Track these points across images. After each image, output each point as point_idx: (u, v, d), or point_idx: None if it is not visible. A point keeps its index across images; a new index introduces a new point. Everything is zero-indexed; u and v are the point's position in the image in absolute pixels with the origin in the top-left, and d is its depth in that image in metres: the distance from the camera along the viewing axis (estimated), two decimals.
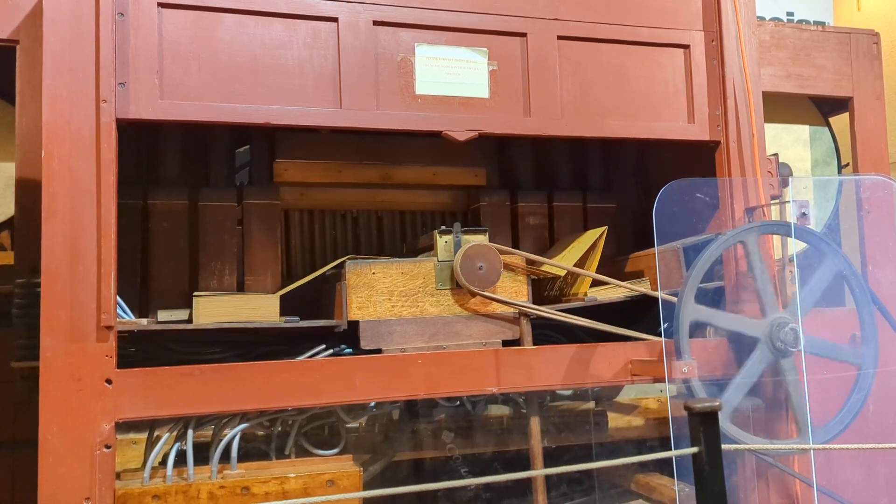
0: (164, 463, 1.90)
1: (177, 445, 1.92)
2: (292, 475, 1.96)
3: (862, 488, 2.31)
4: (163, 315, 2.05)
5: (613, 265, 2.70)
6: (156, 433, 1.99)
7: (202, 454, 1.96)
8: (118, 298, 1.90)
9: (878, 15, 3.96)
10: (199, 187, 2.48)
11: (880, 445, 1.87)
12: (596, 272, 2.31)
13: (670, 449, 1.82)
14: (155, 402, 1.80)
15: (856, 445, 1.95)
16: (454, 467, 2.41)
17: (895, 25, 3.87)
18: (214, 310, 2.00)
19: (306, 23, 2.06)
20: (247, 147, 2.68)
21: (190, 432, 1.93)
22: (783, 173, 2.35)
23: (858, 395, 2.12)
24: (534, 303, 2.21)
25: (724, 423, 1.97)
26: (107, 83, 1.83)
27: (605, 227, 2.42)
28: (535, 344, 2.14)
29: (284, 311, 2.09)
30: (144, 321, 1.99)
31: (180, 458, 1.92)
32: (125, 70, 1.89)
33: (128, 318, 1.97)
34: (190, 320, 1.99)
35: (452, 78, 2.16)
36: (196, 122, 1.98)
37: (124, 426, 2.11)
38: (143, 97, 1.90)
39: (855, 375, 2.15)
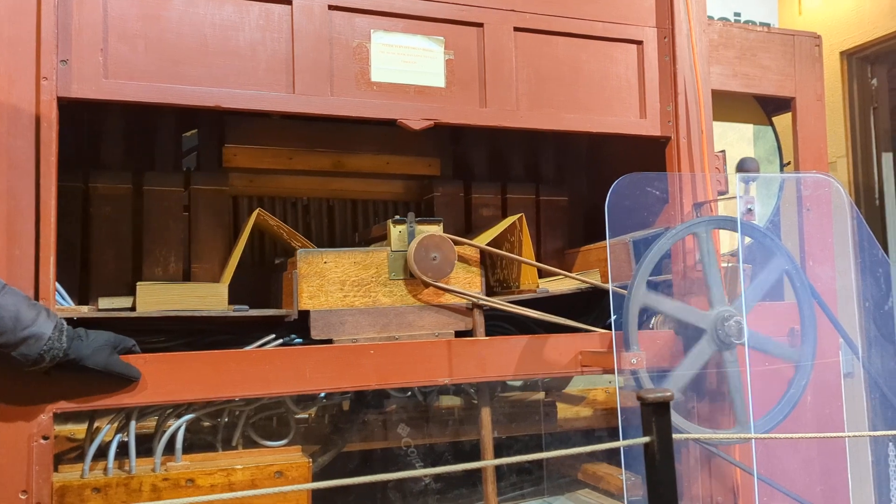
0: (105, 455, 1.84)
1: (118, 437, 1.86)
2: (239, 467, 1.92)
3: (799, 476, 2.40)
4: (104, 303, 1.98)
5: (564, 258, 2.73)
6: (96, 424, 1.92)
7: (145, 446, 1.91)
8: (57, 285, 1.83)
9: (819, 19, 4.10)
10: (144, 171, 2.40)
11: (817, 435, 1.93)
12: (546, 264, 2.33)
13: (618, 439, 1.85)
14: (95, 393, 1.74)
15: (795, 435, 2.01)
16: (405, 458, 2.40)
17: (834, 30, 4.01)
18: (158, 297, 1.94)
19: (259, 4, 2.01)
20: (195, 131, 2.61)
21: (132, 423, 1.87)
22: (751, 168, 2.36)
23: (797, 386, 2.19)
24: (487, 294, 2.21)
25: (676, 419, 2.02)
26: (48, 60, 1.76)
27: (521, 214, 2.41)
28: (487, 335, 2.14)
29: (234, 300, 2.04)
30: (85, 309, 1.92)
31: (122, 450, 1.86)
32: (67, 47, 1.81)
33: (67, 306, 1.90)
34: (133, 308, 1.93)
35: (408, 66, 2.14)
36: (142, 104, 1.91)
37: (63, 417, 2.04)
38: (86, 76, 1.82)
39: (794, 367, 2.22)
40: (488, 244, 2.29)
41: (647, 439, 1.26)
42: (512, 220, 2.40)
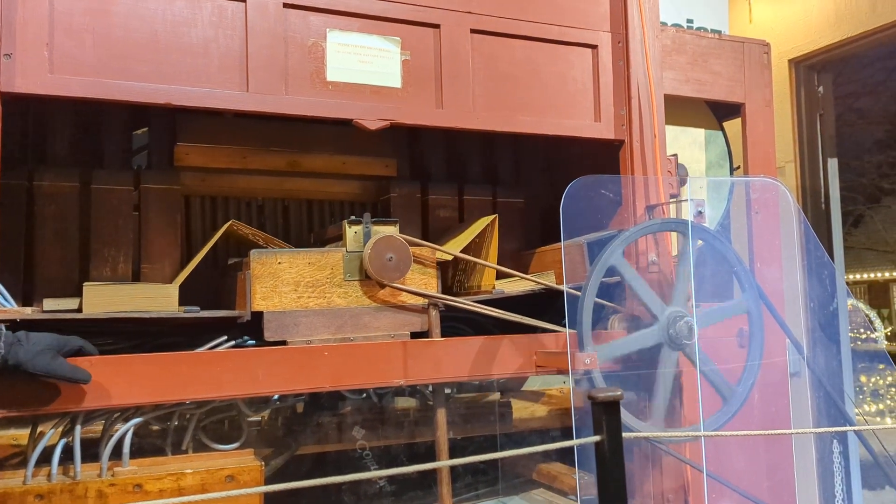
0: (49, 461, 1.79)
1: (62, 441, 1.81)
2: (189, 471, 1.88)
3: (747, 473, 2.45)
4: (49, 304, 1.92)
5: (520, 259, 2.74)
6: (39, 429, 1.86)
7: (92, 451, 1.86)
8: None
9: (768, 27, 4.20)
10: (92, 169, 2.34)
11: (764, 432, 1.98)
12: (501, 265, 2.34)
13: (572, 438, 1.87)
14: (40, 396, 1.69)
15: (742, 432, 2.06)
16: (359, 460, 2.38)
17: (783, 38, 4.11)
18: (106, 298, 1.89)
19: (212, 1, 1.98)
20: (146, 129, 2.55)
21: (77, 428, 1.82)
22: (681, 174, 2.45)
23: (744, 385, 2.24)
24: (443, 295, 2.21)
25: (641, 427, 2.05)
26: None
27: (496, 216, 2.43)
28: (443, 336, 2.14)
29: (186, 300, 2.00)
30: (28, 310, 1.86)
31: (67, 456, 1.81)
32: (11, 41, 1.76)
33: (9, 307, 1.84)
34: (80, 310, 1.88)
35: (364, 66, 2.13)
36: (89, 100, 1.86)
37: (5, 422, 1.97)
38: (30, 70, 1.77)
39: (742, 367, 2.27)
40: (466, 247, 2.30)
41: (597, 438, 1.28)
42: (487, 221, 2.40)
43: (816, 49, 4.02)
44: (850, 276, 9.61)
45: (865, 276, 9.95)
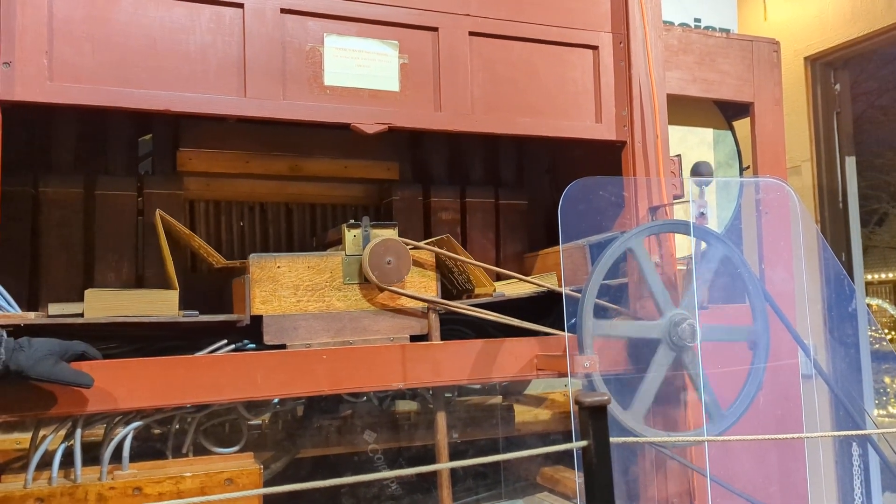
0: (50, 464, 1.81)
1: (63, 445, 1.83)
2: (188, 474, 1.89)
3: (754, 477, 2.41)
4: (54, 309, 1.94)
5: (523, 261, 2.73)
6: (41, 433, 1.89)
7: (92, 454, 1.88)
8: (0, 289, 1.80)
9: (783, 26, 4.15)
10: (97, 175, 2.37)
11: (764, 437, 1.95)
12: (504, 268, 2.33)
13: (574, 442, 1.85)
14: (42, 400, 1.71)
15: (745, 437, 2.03)
16: (372, 464, 2.38)
17: (798, 36, 4.06)
18: (108, 303, 1.91)
19: (210, 7, 1.99)
20: (150, 136, 2.58)
21: (78, 431, 1.84)
22: (704, 172, 2.38)
23: (750, 388, 2.21)
24: (443, 299, 2.20)
25: (628, 420, 2.03)
26: None
27: (447, 235, 2.35)
28: (443, 339, 2.14)
29: (188, 305, 2.02)
30: (32, 315, 1.88)
31: (67, 459, 1.83)
32: (11, 49, 1.78)
33: (13, 312, 1.86)
34: (84, 315, 1.90)
35: (362, 70, 2.13)
36: (88, 107, 1.88)
37: (8, 426, 2.00)
38: (30, 78, 1.80)
39: (747, 370, 2.24)
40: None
41: (584, 443, 1.26)
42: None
43: (832, 46, 3.96)
44: (875, 276, 9.43)
45: (891, 275, 9.75)
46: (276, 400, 2.21)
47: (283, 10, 2.05)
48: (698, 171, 2.28)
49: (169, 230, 2.17)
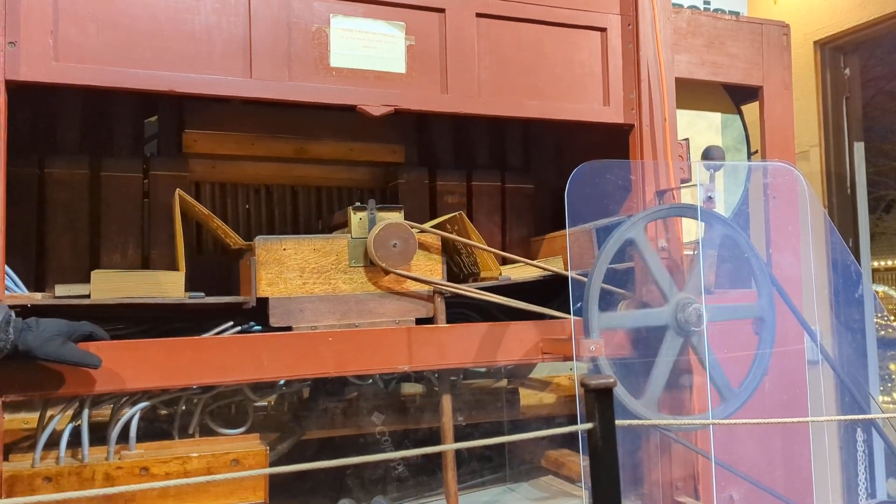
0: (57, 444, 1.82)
1: (70, 425, 1.84)
2: (195, 455, 1.90)
3: (759, 462, 2.42)
4: (60, 290, 1.95)
5: (530, 245, 2.72)
6: (49, 413, 1.90)
7: (99, 434, 1.89)
8: (8, 270, 1.80)
9: (793, 9, 4.10)
10: (102, 156, 2.37)
11: (775, 420, 1.95)
12: (510, 251, 2.32)
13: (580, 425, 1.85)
14: (50, 380, 1.72)
15: (750, 421, 2.03)
16: (379, 446, 2.39)
17: (808, 19, 4.02)
18: (114, 285, 1.92)
19: None
20: (156, 117, 2.57)
21: (86, 411, 1.85)
22: (715, 156, 2.35)
23: (756, 373, 2.20)
24: (449, 282, 2.20)
25: (636, 406, 2.02)
26: None
27: (461, 212, 2.35)
28: (449, 322, 2.14)
29: (195, 287, 2.03)
30: (38, 296, 1.89)
31: (75, 439, 1.84)
32: (16, 29, 1.77)
33: (20, 293, 1.87)
34: (90, 296, 1.90)
35: (368, 51, 2.11)
36: (93, 87, 1.87)
37: (16, 405, 2.01)
38: (35, 58, 1.79)
39: (753, 355, 2.23)
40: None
41: (589, 426, 1.26)
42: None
43: (842, 31, 3.91)
44: (882, 263, 9.38)
45: None
46: (281, 382, 2.21)
47: None
48: (710, 155, 2.26)
49: (185, 211, 2.17)
